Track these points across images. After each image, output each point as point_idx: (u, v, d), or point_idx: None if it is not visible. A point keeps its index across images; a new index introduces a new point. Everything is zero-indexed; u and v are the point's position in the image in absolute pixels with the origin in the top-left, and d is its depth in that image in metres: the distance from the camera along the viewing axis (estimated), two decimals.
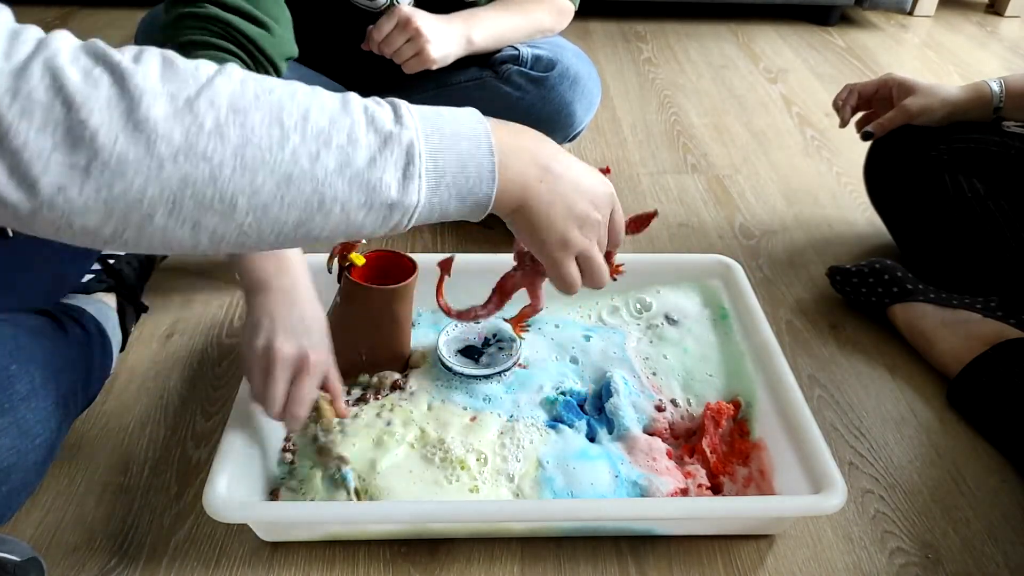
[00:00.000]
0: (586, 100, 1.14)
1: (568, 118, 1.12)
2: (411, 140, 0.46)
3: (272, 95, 0.43)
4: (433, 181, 0.47)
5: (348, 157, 0.44)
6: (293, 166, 0.42)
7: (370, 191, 0.45)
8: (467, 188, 0.49)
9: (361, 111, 0.45)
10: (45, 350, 0.71)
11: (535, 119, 1.12)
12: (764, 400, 0.79)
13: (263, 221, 0.43)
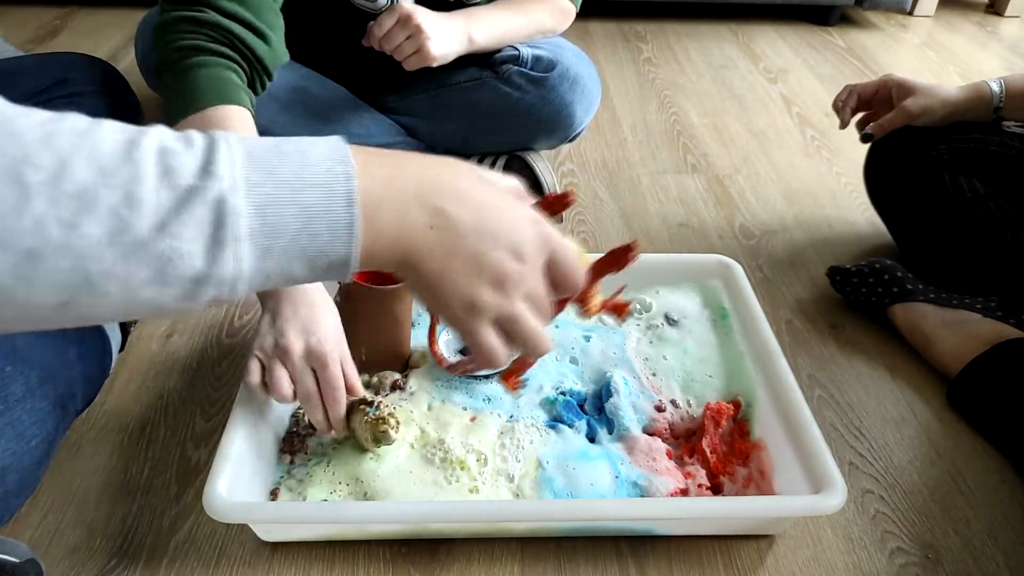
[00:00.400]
0: (586, 101, 1.14)
1: (568, 119, 1.13)
2: (221, 194, 0.35)
3: (16, 140, 0.32)
4: (262, 243, 0.37)
5: (121, 222, 0.33)
6: (37, 238, 0.32)
7: (161, 264, 0.35)
8: (315, 249, 0.38)
9: (153, 158, 0.35)
10: (42, 351, 0.71)
11: (535, 119, 1.13)
12: (764, 400, 0.79)
13: (12, 305, 0.33)
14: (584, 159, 1.40)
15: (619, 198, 1.28)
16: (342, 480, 0.72)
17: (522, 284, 0.45)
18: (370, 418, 0.73)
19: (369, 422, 0.72)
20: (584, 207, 1.25)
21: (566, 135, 1.16)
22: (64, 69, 0.89)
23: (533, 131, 1.15)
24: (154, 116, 1.39)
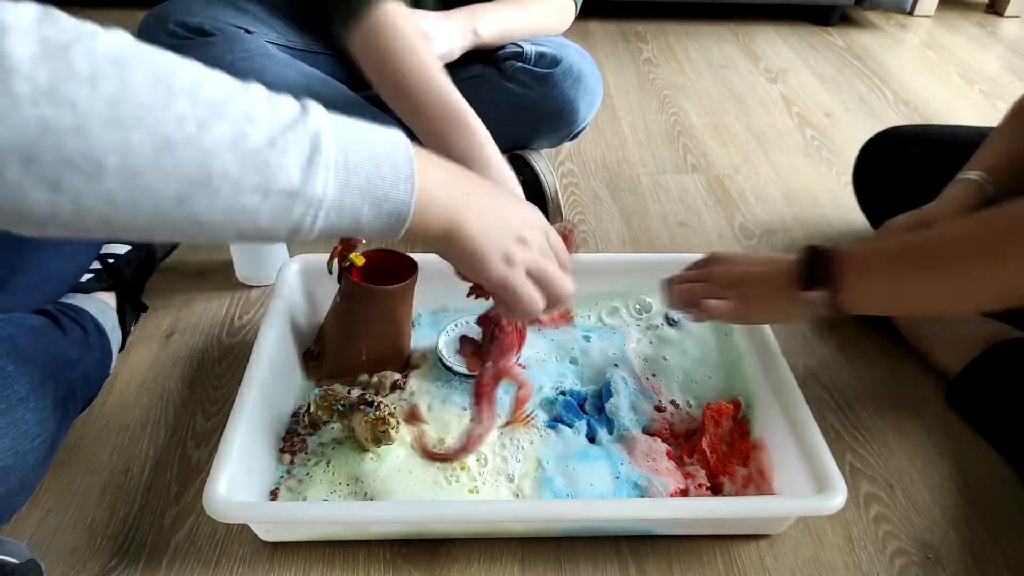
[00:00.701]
0: (589, 97, 1.14)
1: (571, 115, 1.13)
2: (318, 128, 0.43)
3: (164, 59, 0.39)
4: (343, 175, 0.44)
5: (243, 131, 0.40)
6: (176, 130, 0.38)
7: (267, 172, 0.40)
8: (382, 192, 0.45)
9: (264, 93, 0.42)
10: (44, 350, 0.71)
11: (538, 116, 1.13)
12: (764, 400, 0.79)
13: (136, 189, 0.38)
14: (584, 159, 1.40)
15: (619, 198, 1.28)
16: (342, 480, 0.72)
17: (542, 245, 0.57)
18: (370, 418, 0.73)
19: (369, 422, 0.73)
20: (584, 207, 1.25)
21: (569, 132, 1.16)
22: None
23: (536, 127, 1.15)
24: None
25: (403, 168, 0.46)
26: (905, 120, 1.60)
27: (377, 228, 0.47)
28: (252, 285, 1.03)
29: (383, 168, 0.45)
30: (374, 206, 0.46)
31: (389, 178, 0.46)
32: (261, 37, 1.11)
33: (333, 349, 0.84)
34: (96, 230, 0.39)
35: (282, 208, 0.42)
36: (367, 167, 0.45)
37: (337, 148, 0.43)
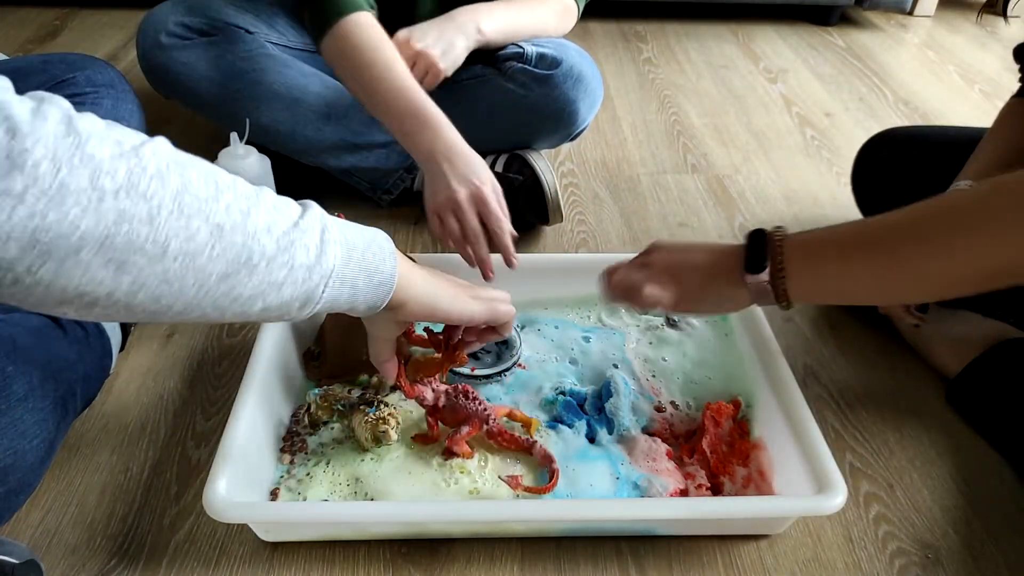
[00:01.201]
0: (589, 98, 1.14)
1: (571, 116, 1.13)
2: (321, 214, 0.52)
3: (203, 161, 0.46)
4: (345, 251, 0.52)
5: (274, 218, 0.48)
6: (227, 217, 0.45)
7: (292, 251, 0.49)
8: (374, 265, 0.55)
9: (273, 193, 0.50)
10: (43, 350, 0.71)
11: (539, 116, 1.13)
12: (764, 400, 0.79)
13: (189, 269, 0.44)
14: (584, 159, 1.40)
15: (619, 198, 1.28)
16: (342, 480, 0.72)
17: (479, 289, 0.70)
18: (370, 418, 0.73)
19: (369, 422, 0.73)
20: (584, 207, 1.25)
21: (569, 132, 1.16)
22: (66, 69, 0.89)
23: (537, 128, 1.15)
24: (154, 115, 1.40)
25: (386, 247, 0.57)
26: (905, 120, 1.60)
27: (368, 299, 0.56)
28: None
29: (372, 246, 0.55)
30: (368, 277, 0.55)
31: (378, 254, 0.55)
32: (261, 36, 1.11)
33: (333, 349, 0.84)
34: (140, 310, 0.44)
35: (301, 280, 0.50)
36: (361, 245, 0.54)
37: (337, 229, 0.52)
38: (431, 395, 0.75)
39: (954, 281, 0.60)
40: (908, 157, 1.03)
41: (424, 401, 0.75)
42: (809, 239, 0.65)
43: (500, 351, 0.86)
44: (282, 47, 1.15)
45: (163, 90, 1.10)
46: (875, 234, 0.62)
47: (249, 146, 0.94)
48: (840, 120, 1.59)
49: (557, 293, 0.95)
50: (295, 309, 0.51)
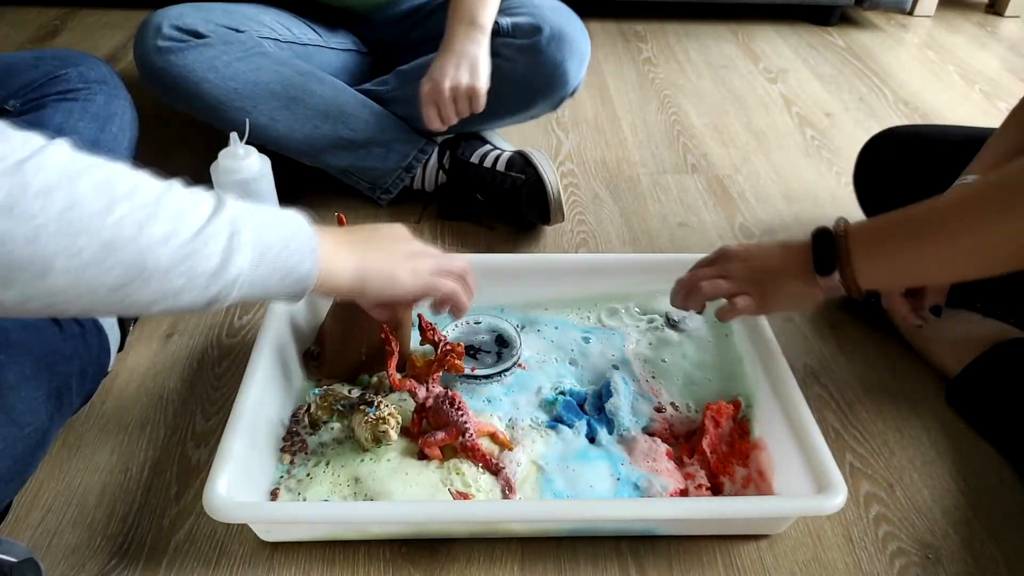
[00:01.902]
0: (577, 56, 1.12)
1: (562, 78, 1.11)
2: (234, 216, 0.50)
3: (103, 167, 0.44)
4: (256, 255, 0.51)
5: (174, 228, 0.46)
6: (118, 231, 0.43)
7: (193, 260, 0.47)
8: (289, 266, 0.54)
9: (185, 189, 0.49)
10: (37, 343, 0.71)
11: (529, 86, 1.12)
12: (764, 400, 0.79)
13: (79, 284, 0.43)
14: (584, 159, 1.40)
15: (619, 198, 1.28)
16: (342, 480, 0.72)
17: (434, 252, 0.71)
18: (370, 418, 0.73)
19: (369, 422, 0.73)
20: (584, 207, 1.25)
21: (563, 94, 1.14)
22: (59, 65, 0.89)
23: (530, 97, 1.14)
24: (153, 114, 1.39)
25: (307, 244, 0.56)
26: (905, 120, 1.60)
27: (285, 295, 0.56)
28: None
29: (290, 246, 0.54)
30: (283, 278, 0.54)
31: (296, 253, 0.54)
32: (253, 33, 1.11)
33: (333, 349, 0.84)
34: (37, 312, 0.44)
35: (203, 287, 0.48)
36: (277, 245, 0.53)
37: (250, 232, 0.50)
38: (423, 394, 0.75)
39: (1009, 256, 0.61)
40: (911, 156, 1.03)
41: (416, 396, 0.75)
42: (872, 230, 0.70)
43: (500, 351, 0.86)
44: (273, 40, 1.15)
45: (162, 96, 1.10)
46: (937, 215, 0.65)
47: (249, 146, 0.94)
48: (840, 120, 1.59)
49: (557, 293, 0.95)
50: (200, 309, 0.50)
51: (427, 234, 1.16)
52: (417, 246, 0.69)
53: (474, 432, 0.74)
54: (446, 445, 0.74)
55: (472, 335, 0.88)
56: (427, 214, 1.20)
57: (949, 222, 0.64)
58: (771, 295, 0.74)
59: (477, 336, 0.88)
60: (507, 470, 0.73)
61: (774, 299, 0.74)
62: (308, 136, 1.11)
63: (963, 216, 0.63)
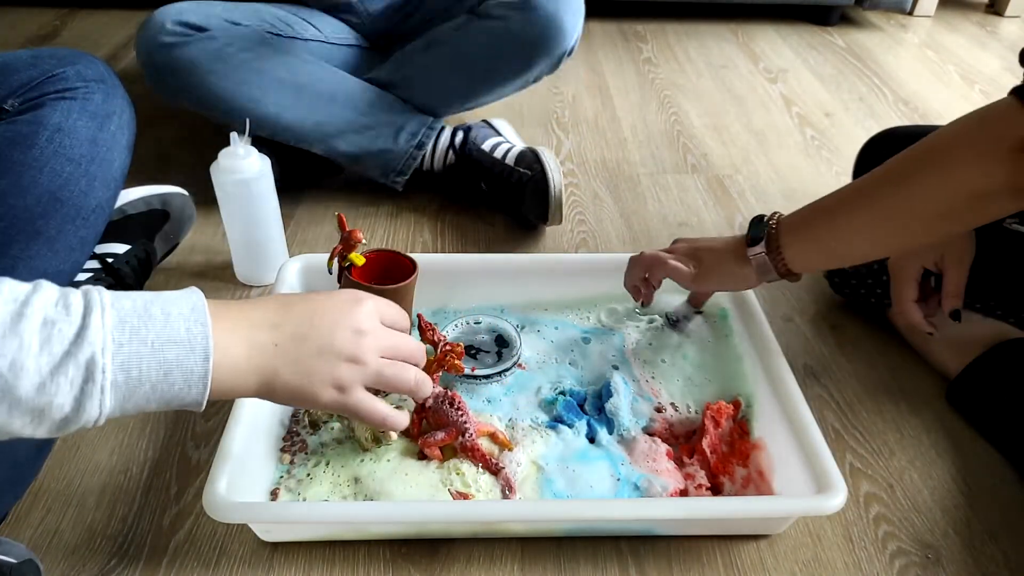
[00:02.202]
0: (572, 8, 1.10)
1: (559, 31, 1.09)
2: (92, 355, 0.43)
3: None
4: (123, 393, 0.45)
5: (9, 385, 0.41)
6: None
7: (37, 413, 0.43)
8: (171, 394, 0.47)
9: (37, 329, 0.42)
10: None
11: (526, 43, 1.10)
12: (764, 400, 0.79)
13: None
14: (584, 159, 1.40)
15: (619, 198, 1.28)
16: (342, 480, 0.72)
17: (373, 348, 0.56)
18: None
19: None
20: (584, 207, 1.25)
21: (563, 50, 1.13)
22: (56, 64, 0.89)
23: (529, 56, 1.12)
24: (154, 113, 1.39)
25: (196, 371, 0.47)
26: (905, 120, 1.60)
27: (167, 409, 0.49)
28: (252, 285, 1.03)
29: (172, 375, 0.46)
30: (162, 404, 0.47)
31: (179, 383, 0.47)
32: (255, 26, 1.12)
33: None
34: None
35: (56, 428, 0.44)
36: (153, 377, 0.46)
37: (116, 367, 0.44)
38: None
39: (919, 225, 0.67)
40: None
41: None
42: (800, 211, 0.74)
43: (500, 351, 0.86)
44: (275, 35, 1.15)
45: (169, 94, 1.10)
46: (855, 190, 0.70)
47: (250, 146, 0.94)
48: (840, 120, 1.59)
49: (557, 294, 0.95)
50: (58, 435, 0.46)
51: (427, 234, 1.16)
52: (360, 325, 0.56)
53: (474, 432, 0.74)
54: (446, 445, 0.74)
55: (472, 335, 0.88)
56: (431, 207, 1.20)
57: (863, 195, 0.69)
58: (706, 267, 0.80)
59: (477, 336, 0.88)
60: (507, 470, 0.73)
61: (708, 271, 0.80)
62: (318, 123, 1.11)
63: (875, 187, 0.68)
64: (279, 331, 0.53)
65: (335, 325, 0.55)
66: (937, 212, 0.65)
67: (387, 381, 0.57)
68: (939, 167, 0.65)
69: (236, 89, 1.07)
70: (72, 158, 0.81)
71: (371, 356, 0.56)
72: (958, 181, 0.63)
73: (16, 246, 0.77)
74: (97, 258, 0.91)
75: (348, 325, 0.55)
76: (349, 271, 0.80)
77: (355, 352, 0.55)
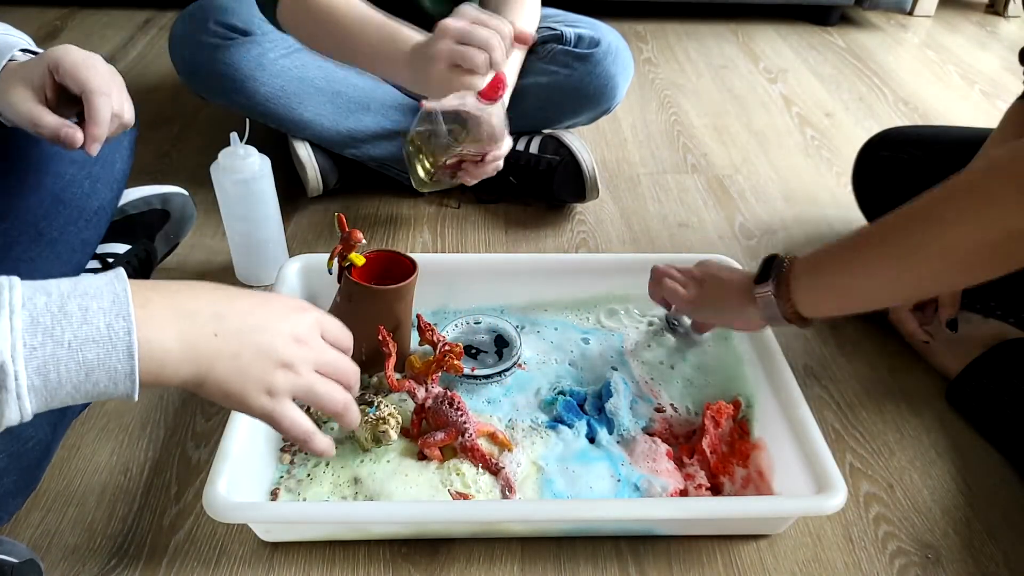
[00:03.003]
0: (626, 72, 1.20)
1: (612, 90, 1.18)
2: (3, 361, 0.41)
3: None
4: (43, 395, 0.43)
5: None
6: None
7: None
8: (97, 391, 0.44)
9: None
10: None
11: (582, 95, 1.18)
12: (764, 400, 0.79)
13: None
14: None
15: (619, 198, 1.28)
16: (342, 481, 0.72)
17: (310, 360, 0.53)
18: (370, 418, 0.73)
19: (369, 422, 0.73)
20: (584, 207, 1.25)
21: (609, 107, 1.21)
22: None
23: (578, 107, 1.20)
24: (154, 114, 1.39)
25: (120, 368, 0.44)
26: (905, 120, 1.60)
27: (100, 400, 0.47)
28: (252, 285, 1.03)
29: (95, 374, 0.43)
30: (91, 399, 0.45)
31: (103, 382, 0.44)
32: None
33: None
34: None
35: None
36: (75, 378, 0.43)
37: (32, 372, 0.42)
38: (422, 394, 0.76)
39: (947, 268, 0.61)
40: (908, 157, 1.03)
41: (415, 397, 0.75)
42: (815, 252, 0.69)
43: (500, 352, 0.86)
44: None
45: (203, 91, 1.10)
46: (877, 227, 0.64)
47: (249, 146, 0.94)
48: (840, 120, 1.59)
49: (557, 294, 0.95)
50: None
51: (427, 234, 1.16)
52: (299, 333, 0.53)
53: (473, 432, 0.74)
54: (446, 445, 0.74)
55: (472, 335, 0.88)
56: (431, 207, 1.20)
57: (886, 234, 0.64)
58: (708, 296, 0.78)
59: (477, 336, 0.88)
60: (507, 470, 0.73)
61: (708, 301, 0.78)
62: (352, 129, 1.13)
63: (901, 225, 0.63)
64: (221, 322, 0.49)
65: (276, 328, 0.52)
66: (970, 254, 0.59)
67: (317, 397, 0.53)
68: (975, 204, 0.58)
69: (274, 96, 1.08)
70: (75, 160, 0.81)
71: (306, 367, 0.53)
72: (995, 219, 0.57)
73: (18, 248, 0.77)
74: (98, 258, 0.91)
75: (289, 331, 0.52)
76: (349, 271, 0.80)
77: (292, 360, 0.52)
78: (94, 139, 0.66)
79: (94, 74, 0.67)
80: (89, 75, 0.66)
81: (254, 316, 0.51)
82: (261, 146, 0.96)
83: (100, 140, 0.66)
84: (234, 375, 0.49)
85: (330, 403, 0.54)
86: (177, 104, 1.48)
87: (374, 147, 1.16)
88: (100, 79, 0.67)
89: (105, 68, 0.70)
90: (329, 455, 0.56)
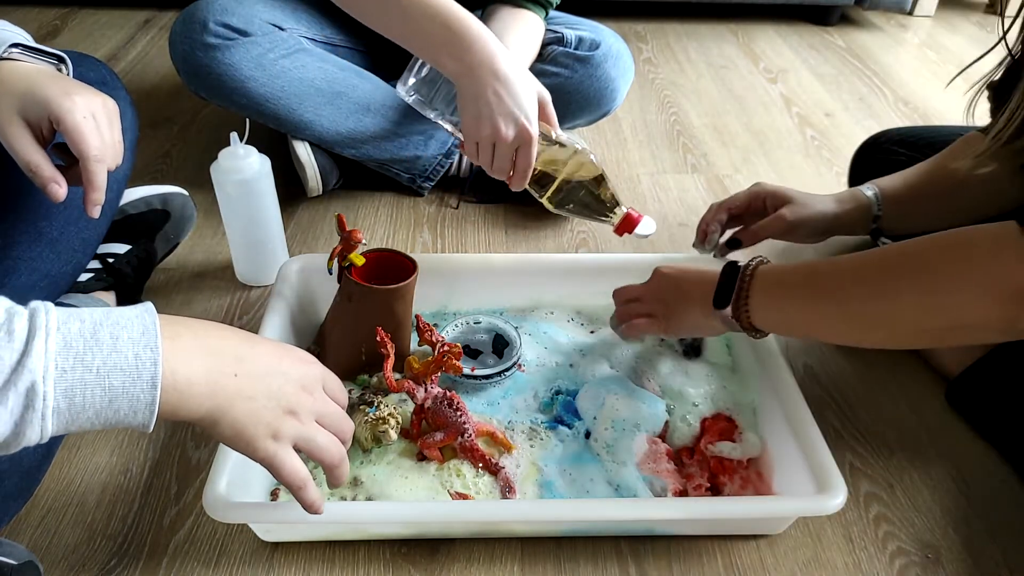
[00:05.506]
0: (626, 75, 1.21)
1: (612, 93, 1.20)
2: (33, 383, 0.42)
3: None
4: (66, 418, 0.44)
5: None
6: None
7: None
8: (116, 419, 0.45)
9: None
10: None
11: (582, 97, 1.19)
12: (764, 401, 0.79)
13: None
14: None
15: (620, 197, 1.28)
16: None
17: (313, 410, 0.55)
18: (370, 418, 0.73)
19: (369, 422, 0.73)
20: None
21: (608, 109, 1.23)
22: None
23: (578, 109, 1.21)
24: (155, 114, 1.39)
25: (142, 399, 0.45)
26: (905, 120, 1.60)
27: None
28: (252, 285, 1.03)
29: (117, 402, 0.45)
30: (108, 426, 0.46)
31: (124, 410, 0.45)
32: (295, 32, 1.12)
33: (333, 349, 0.84)
34: None
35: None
36: (98, 404, 0.44)
37: (59, 394, 0.43)
38: (421, 394, 0.76)
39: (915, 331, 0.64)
40: (903, 158, 1.03)
41: (414, 398, 0.75)
42: (777, 275, 0.70)
43: (500, 352, 0.86)
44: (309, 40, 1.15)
45: (204, 93, 1.10)
46: (825, 275, 0.67)
47: (249, 146, 0.94)
48: (840, 120, 1.59)
49: (557, 294, 0.95)
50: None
51: (427, 234, 1.16)
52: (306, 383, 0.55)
53: (473, 433, 0.74)
54: (445, 446, 0.74)
55: (472, 335, 0.88)
56: (431, 207, 1.20)
57: (840, 287, 0.66)
58: (674, 319, 0.77)
59: (477, 336, 0.88)
60: (506, 471, 0.73)
61: (676, 323, 0.78)
62: (352, 130, 1.13)
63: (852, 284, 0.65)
64: (242, 364, 0.51)
65: (288, 375, 0.54)
66: (919, 330, 0.63)
67: (317, 448, 0.55)
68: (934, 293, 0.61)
69: (274, 96, 1.08)
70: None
71: (309, 417, 0.55)
72: (952, 311, 0.60)
73: (19, 248, 0.77)
74: (98, 258, 0.91)
75: (298, 380, 0.54)
76: (349, 271, 0.80)
77: (298, 407, 0.54)
78: (94, 203, 0.69)
79: (93, 140, 0.68)
80: (89, 143, 0.67)
81: (269, 362, 0.53)
82: (261, 146, 0.96)
83: (99, 204, 0.69)
84: (248, 417, 0.51)
85: (328, 455, 0.56)
86: (177, 104, 1.48)
87: (374, 148, 1.16)
88: (98, 145, 0.68)
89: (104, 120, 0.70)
90: (319, 511, 0.57)
